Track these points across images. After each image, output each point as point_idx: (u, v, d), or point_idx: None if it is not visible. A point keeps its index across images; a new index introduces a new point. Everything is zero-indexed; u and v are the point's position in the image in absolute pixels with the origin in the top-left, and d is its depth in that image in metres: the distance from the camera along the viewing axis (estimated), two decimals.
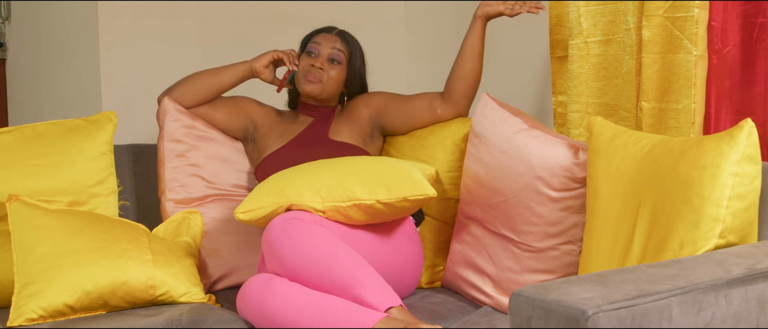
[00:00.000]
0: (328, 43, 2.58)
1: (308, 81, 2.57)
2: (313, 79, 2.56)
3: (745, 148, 1.74)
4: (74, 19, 3.20)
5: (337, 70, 2.58)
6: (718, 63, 2.22)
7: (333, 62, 2.58)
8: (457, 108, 2.53)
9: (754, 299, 1.54)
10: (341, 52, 2.58)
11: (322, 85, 2.57)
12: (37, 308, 2.11)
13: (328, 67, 2.57)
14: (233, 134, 2.66)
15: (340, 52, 2.58)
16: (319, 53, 2.58)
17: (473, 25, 2.49)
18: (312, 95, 2.59)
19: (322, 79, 2.57)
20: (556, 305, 1.42)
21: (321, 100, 2.62)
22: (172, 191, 2.56)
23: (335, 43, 2.58)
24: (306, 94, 2.59)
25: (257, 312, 2.09)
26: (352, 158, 2.36)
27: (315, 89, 2.57)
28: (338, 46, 2.58)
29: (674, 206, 1.77)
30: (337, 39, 2.60)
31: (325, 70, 2.57)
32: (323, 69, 2.56)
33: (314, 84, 2.56)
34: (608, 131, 2.04)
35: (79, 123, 2.48)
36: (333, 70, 2.58)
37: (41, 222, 2.20)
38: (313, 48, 2.58)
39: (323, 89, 2.58)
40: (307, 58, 2.58)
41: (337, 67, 2.58)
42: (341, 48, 2.58)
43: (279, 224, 2.13)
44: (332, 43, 2.58)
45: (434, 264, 2.52)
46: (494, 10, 2.46)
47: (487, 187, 2.28)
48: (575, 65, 2.51)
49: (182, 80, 2.63)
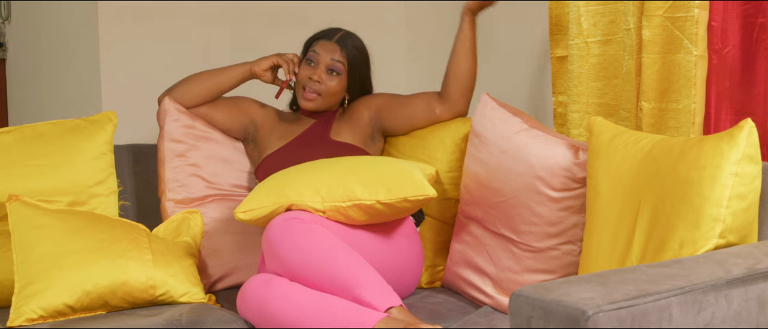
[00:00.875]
0: (327, 54, 2.55)
1: (305, 98, 2.55)
2: (310, 96, 2.54)
3: (745, 148, 1.74)
4: (74, 19, 3.20)
5: (337, 81, 2.56)
6: (718, 63, 2.22)
7: (331, 73, 2.55)
8: (455, 108, 2.52)
9: (754, 299, 1.54)
10: (340, 62, 2.55)
11: (320, 99, 2.56)
12: (37, 308, 2.11)
13: (326, 79, 2.55)
14: (233, 134, 2.66)
15: (338, 63, 2.55)
16: (317, 63, 2.55)
17: (462, 23, 2.48)
18: (309, 110, 2.58)
19: (321, 93, 2.55)
20: (556, 305, 1.42)
21: (320, 112, 2.61)
22: (172, 191, 2.56)
23: (334, 53, 2.55)
24: (303, 108, 2.59)
25: (257, 312, 2.09)
26: (352, 158, 2.36)
27: (311, 105, 2.56)
28: (337, 57, 2.55)
29: (674, 206, 1.77)
30: (336, 48, 2.56)
31: (322, 83, 2.54)
32: (321, 82, 2.54)
33: (311, 101, 2.55)
34: (608, 131, 2.04)
35: (79, 123, 2.48)
36: (331, 82, 2.55)
37: (41, 222, 2.20)
38: (312, 57, 2.56)
39: (322, 102, 2.57)
40: (306, 68, 2.56)
41: (336, 78, 2.56)
42: (340, 59, 2.55)
43: (279, 224, 2.13)
44: (331, 53, 2.55)
45: (434, 264, 2.52)
46: (478, 3, 2.46)
47: (487, 187, 2.28)
48: (575, 65, 2.51)
49: (182, 81, 2.63)
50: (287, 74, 2.55)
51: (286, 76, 2.55)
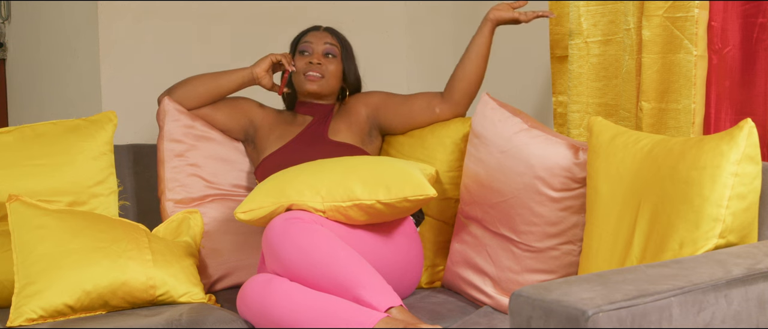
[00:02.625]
0: (320, 40, 2.61)
1: (309, 80, 2.58)
2: (313, 77, 2.58)
3: (745, 148, 1.74)
4: (74, 19, 3.20)
5: (334, 64, 2.61)
6: (718, 63, 2.22)
7: (328, 56, 2.60)
8: (456, 108, 2.53)
9: (754, 299, 1.54)
10: (334, 46, 2.62)
11: (324, 80, 2.58)
12: (37, 308, 2.11)
13: (325, 61, 2.59)
14: (233, 135, 2.67)
15: (333, 46, 2.61)
16: (312, 51, 2.60)
17: (483, 28, 2.48)
18: (314, 93, 2.59)
19: (323, 74, 2.58)
20: (556, 305, 1.42)
21: (323, 95, 2.62)
22: (172, 191, 2.56)
23: (326, 39, 2.62)
24: (308, 93, 2.60)
25: (257, 312, 2.09)
26: (352, 158, 2.36)
27: (316, 86, 2.58)
28: (330, 41, 2.62)
29: (674, 206, 1.77)
30: (326, 34, 2.63)
31: (323, 65, 2.58)
32: (321, 64, 2.58)
33: (315, 82, 2.58)
34: (608, 131, 2.04)
35: (79, 123, 2.48)
36: (331, 65, 2.60)
37: (41, 222, 2.20)
38: (305, 47, 2.60)
39: (325, 83, 2.59)
40: (302, 58, 2.59)
41: (334, 60, 2.61)
42: (333, 42, 2.62)
43: (279, 224, 2.13)
44: (323, 38, 2.61)
45: (434, 264, 2.52)
46: (508, 16, 2.46)
47: (487, 187, 2.28)
48: (575, 65, 2.51)
49: (182, 82, 2.63)
50: (287, 66, 2.56)
51: (288, 67, 2.56)
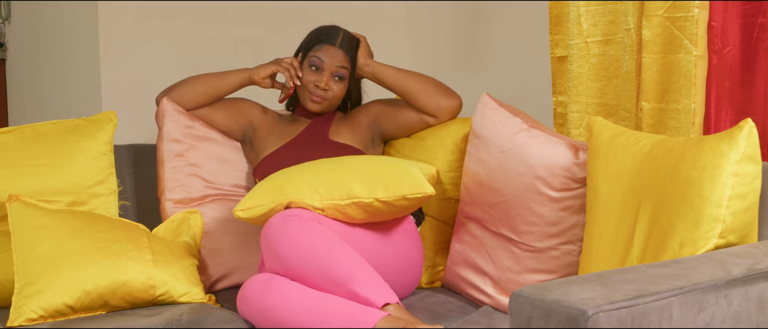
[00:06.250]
0: (333, 61, 2.55)
1: (313, 101, 2.57)
2: (317, 99, 2.56)
3: (745, 148, 1.74)
4: (74, 19, 3.20)
5: (341, 86, 2.58)
6: (718, 63, 2.22)
7: (336, 79, 2.57)
8: (440, 117, 2.54)
9: (754, 299, 1.54)
10: (345, 68, 2.57)
11: (327, 103, 2.58)
12: (37, 308, 2.11)
13: (332, 85, 2.56)
14: (232, 136, 2.66)
15: (343, 69, 2.56)
16: (323, 69, 2.55)
17: (374, 77, 2.59)
18: (316, 112, 2.60)
19: (327, 98, 2.57)
20: (556, 305, 1.42)
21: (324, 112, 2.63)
22: (172, 191, 2.56)
23: (338, 59, 2.56)
24: (310, 110, 2.60)
25: (257, 312, 2.09)
26: (351, 157, 2.36)
27: (319, 107, 2.58)
28: (342, 63, 2.56)
29: (674, 206, 1.77)
30: (339, 54, 2.56)
31: (329, 90, 2.56)
32: (328, 89, 2.56)
33: (319, 103, 2.57)
34: (608, 131, 2.04)
35: (79, 123, 2.48)
36: (337, 87, 2.57)
37: (41, 222, 2.20)
38: (316, 63, 2.56)
39: (328, 105, 2.59)
40: (311, 73, 2.56)
41: (341, 82, 2.58)
42: (345, 65, 2.57)
43: (277, 221, 2.13)
44: (336, 60, 2.55)
45: (434, 264, 2.52)
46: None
47: (487, 187, 2.28)
48: (575, 65, 2.51)
49: (181, 82, 2.63)
50: (290, 81, 2.55)
51: (290, 83, 2.55)
